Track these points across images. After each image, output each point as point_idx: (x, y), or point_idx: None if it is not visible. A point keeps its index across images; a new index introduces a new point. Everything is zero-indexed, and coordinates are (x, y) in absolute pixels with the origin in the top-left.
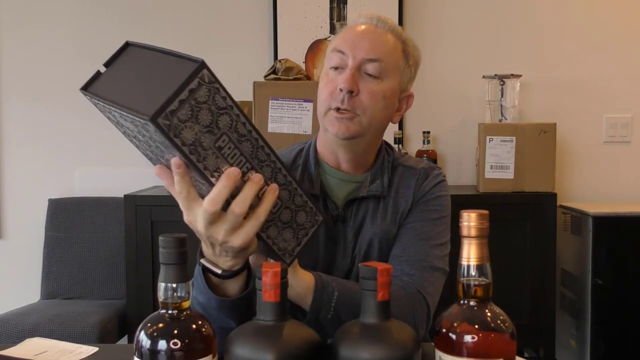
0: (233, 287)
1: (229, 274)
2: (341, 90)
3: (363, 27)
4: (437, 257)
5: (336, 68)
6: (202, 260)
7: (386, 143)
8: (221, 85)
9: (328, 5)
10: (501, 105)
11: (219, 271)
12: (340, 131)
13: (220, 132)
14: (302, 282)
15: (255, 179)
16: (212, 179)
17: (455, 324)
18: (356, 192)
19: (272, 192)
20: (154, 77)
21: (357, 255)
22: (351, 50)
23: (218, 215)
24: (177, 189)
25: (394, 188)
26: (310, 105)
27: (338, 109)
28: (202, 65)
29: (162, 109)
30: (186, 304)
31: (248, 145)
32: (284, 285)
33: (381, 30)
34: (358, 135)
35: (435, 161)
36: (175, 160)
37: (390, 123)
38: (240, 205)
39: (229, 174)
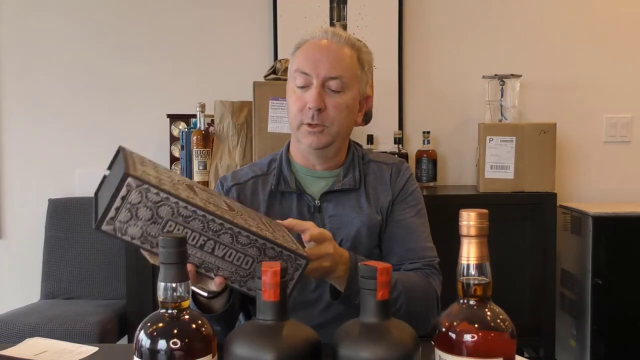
0: (219, 304)
1: (213, 295)
2: (310, 108)
3: (322, 42)
4: (431, 249)
5: (302, 87)
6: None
7: (354, 141)
8: (151, 184)
9: (328, 5)
10: (501, 105)
11: (205, 294)
12: (313, 143)
13: (164, 220)
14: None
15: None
16: None
17: (455, 323)
18: (331, 186)
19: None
20: (111, 185)
21: (344, 243)
22: (313, 70)
23: None
24: None
25: (370, 181)
26: None
27: (309, 124)
28: (126, 175)
29: (102, 219)
30: (186, 304)
31: (197, 222)
32: (283, 284)
33: (337, 45)
34: (329, 144)
35: (435, 161)
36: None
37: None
38: None
39: None
